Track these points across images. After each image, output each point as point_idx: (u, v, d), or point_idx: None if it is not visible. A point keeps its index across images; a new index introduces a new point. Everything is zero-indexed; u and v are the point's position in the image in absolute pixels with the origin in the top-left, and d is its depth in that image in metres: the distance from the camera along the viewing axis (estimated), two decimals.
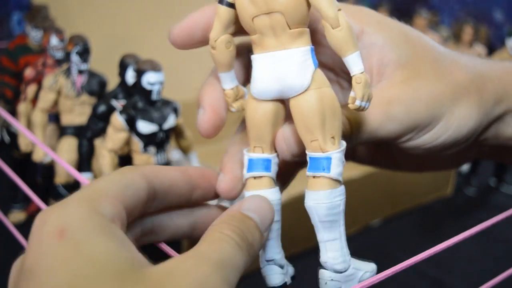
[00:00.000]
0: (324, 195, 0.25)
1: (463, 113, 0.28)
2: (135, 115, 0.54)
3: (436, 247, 0.29)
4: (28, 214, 0.73)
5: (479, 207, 0.86)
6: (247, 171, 0.26)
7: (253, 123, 0.26)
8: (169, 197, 0.25)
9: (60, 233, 0.19)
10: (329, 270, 0.26)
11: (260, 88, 0.25)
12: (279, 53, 0.25)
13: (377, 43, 0.28)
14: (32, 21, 0.73)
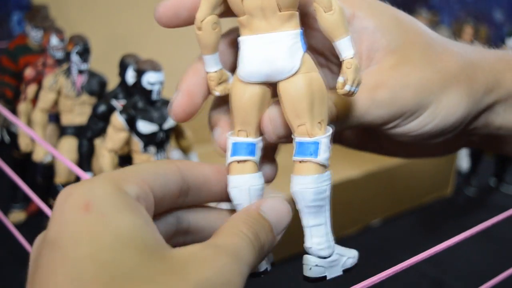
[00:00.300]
0: (311, 180, 0.25)
1: (451, 102, 0.28)
2: (135, 115, 0.54)
3: (436, 247, 0.29)
4: (28, 214, 0.73)
5: (479, 207, 0.86)
6: (230, 155, 0.26)
7: (239, 106, 0.25)
8: (203, 194, 0.26)
9: (86, 206, 0.19)
10: (314, 255, 0.26)
11: (248, 71, 0.25)
12: (269, 36, 0.25)
13: (368, 27, 0.28)
14: (32, 21, 0.73)
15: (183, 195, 0.24)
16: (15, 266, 0.61)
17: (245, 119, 0.26)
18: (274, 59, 0.25)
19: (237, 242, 0.22)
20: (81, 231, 0.19)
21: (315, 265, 0.26)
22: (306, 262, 0.26)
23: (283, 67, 0.25)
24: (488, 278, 0.39)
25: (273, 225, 0.24)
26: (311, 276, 0.26)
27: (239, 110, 0.26)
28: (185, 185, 0.24)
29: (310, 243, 0.26)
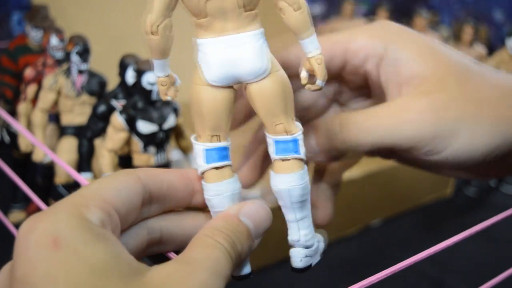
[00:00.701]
0: (298, 177, 0.26)
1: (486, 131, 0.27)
2: (135, 115, 0.54)
3: (436, 246, 0.29)
4: (28, 214, 0.73)
5: (479, 207, 0.86)
6: (206, 162, 0.25)
7: (211, 111, 0.25)
8: (168, 201, 0.25)
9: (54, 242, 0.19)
10: (301, 247, 0.27)
11: (218, 74, 0.24)
12: (235, 37, 0.24)
13: (402, 58, 0.28)
14: (32, 21, 0.73)
15: (146, 204, 0.24)
16: None
17: (218, 124, 0.25)
18: (243, 61, 0.24)
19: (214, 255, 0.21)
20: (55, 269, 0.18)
21: (304, 256, 0.27)
22: (296, 255, 0.27)
23: (255, 69, 0.25)
24: (488, 278, 0.39)
25: (252, 231, 0.24)
26: (302, 267, 0.27)
27: (211, 115, 0.25)
28: (147, 194, 0.24)
29: (297, 236, 0.27)
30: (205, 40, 0.24)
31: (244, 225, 0.24)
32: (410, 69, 0.28)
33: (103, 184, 0.22)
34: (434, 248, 0.29)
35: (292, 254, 0.27)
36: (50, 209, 0.21)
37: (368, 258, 0.71)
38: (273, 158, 0.26)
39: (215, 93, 0.25)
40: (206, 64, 0.24)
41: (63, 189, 0.63)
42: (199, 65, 0.25)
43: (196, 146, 0.26)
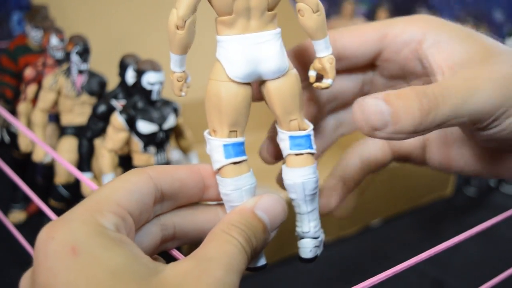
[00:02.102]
0: (312, 170, 0.27)
1: None
2: (135, 115, 0.54)
3: (436, 247, 0.29)
4: (28, 214, 0.73)
5: (479, 207, 0.86)
6: (225, 157, 0.26)
7: (233, 107, 0.25)
8: (180, 198, 0.25)
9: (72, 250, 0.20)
10: (311, 238, 0.28)
11: (242, 71, 0.25)
12: (258, 35, 0.25)
13: (442, 40, 0.28)
14: (32, 21, 0.73)
15: (158, 202, 0.24)
16: (15, 266, 0.61)
17: (237, 120, 0.26)
18: (267, 58, 0.25)
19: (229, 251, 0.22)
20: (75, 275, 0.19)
21: (313, 246, 0.28)
22: (306, 246, 0.28)
23: (276, 66, 0.25)
24: (488, 278, 0.39)
25: (268, 224, 0.24)
26: (311, 257, 0.28)
27: (232, 111, 0.25)
28: (159, 193, 0.24)
29: (307, 227, 0.28)
30: (228, 37, 0.25)
31: (260, 219, 0.24)
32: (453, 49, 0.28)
33: (116, 188, 0.23)
34: (435, 249, 0.29)
35: (302, 245, 0.28)
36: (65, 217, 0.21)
37: (368, 258, 0.71)
38: (287, 153, 0.27)
39: (236, 89, 0.25)
40: (229, 61, 0.25)
41: (63, 189, 0.63)
42: (219, 61, 0.25)
43: (212, 141, 0.26)
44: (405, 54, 0.30)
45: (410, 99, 0.25)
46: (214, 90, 0.25)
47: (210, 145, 0.26)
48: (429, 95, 0.25)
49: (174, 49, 0.25)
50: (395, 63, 0.31)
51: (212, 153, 0.26)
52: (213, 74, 0.25)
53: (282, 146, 0.27)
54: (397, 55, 0.31)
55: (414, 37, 0.29)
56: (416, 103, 0.25)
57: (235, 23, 0.25)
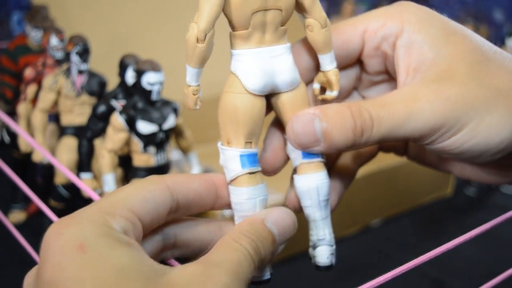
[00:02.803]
0: (325, 175, 0.28)
1: (495, 121, 0.26)
2: (135, 115, 0.54)
3: (437, 249, 0.29)
4: (28, 214, 0.73)
5: (479, 207, 0.86)
6: (241, 167, 0.26)
7: (250, 118, 0.26)
8: (192, 208, 0.26)
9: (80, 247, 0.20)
10: (327, 245, 0.28)
11: (259, 83, 0.26)
12: (273, 49, 0.26)
13: (416, 41, 0.28)
14: (32, 21, 0.73)
15: (172, 213, 0.25)
16: (15, 266, 0.61)
17: (254, 131, 0.26)
18: (282, 71, 0.26)
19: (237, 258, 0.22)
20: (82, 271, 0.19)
21: (330, 253, 0.28)
22: (323, 253, 0.28)
23: (290, 79, 0.26)
24: (488, 278, 0.39)
25: (277, 237, 0.25)
26: (329, 264, 0.28)
27: (249, 122, 0.26)
28: (174, 203, 0.24)
29: (323, 233, 0.28)
30: (245, 50, 0.25)
31: (269, 231, 0.24)
32: (421, 53, 0.28)
33: (131, 193, 0.23)
34: (435, 251, 0.29)
35: (318, 253, 0.28)
36: (75, 215, 0.21)
37: (368, 258, 0.71)
38: (299, 163, 0.28)
39: (253, 101, 0.26)
40: (246, 73, 0.25)
41: (63, 189, 0.63)
42: (235, 74, 0.26)
43: (228, 152, 0.26)
44: (385, 49, 0.30)
45: (345, 118, 0.26)
46: (231, 102, 0.26)
47: (225, 155, 0.26)
48: (364, 116, 0.26)
49: (193, 62, 0.25)
50: (377, 58, 0.31)
51: (227, 163, 0.26)
52: (229, 87, 0.26)
53: (293, 156, 0.28)
54: (377, 50, 0.30)
55: (392, 32, 0.29)
56: (349, 123, 0.26)
57: (251, 37, 0.25)
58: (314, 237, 0.28)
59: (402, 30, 0.28)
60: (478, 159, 0.28)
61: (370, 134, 0.26)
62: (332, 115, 0.26)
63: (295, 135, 0.26)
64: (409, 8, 0.29)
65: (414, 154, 0.35)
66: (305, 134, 0.26)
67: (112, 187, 0.53)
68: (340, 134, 0.26)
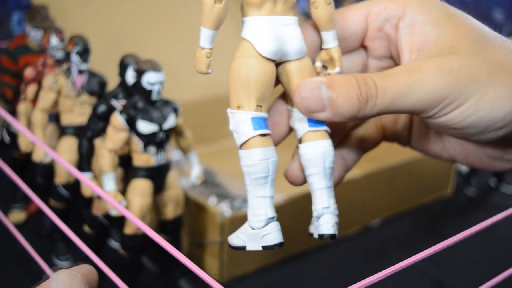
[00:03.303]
0: (330, 143, 0.28)
1: (498, 94, 0.26)
2: (135, 115, 0.54)
3: (436, 246, 0.29)
4: (28, 214, 0.73)
5: (479, 207, 0.86)
6: (253, 129, 0.26)
7: (262, 82, 0.26)
8: None
9: None
10: (332, 214, 0.28)
11: (272, 47, 0.26)
12: (284, 18, 0.27)
13: (418, 21, 0.29)
14: (32, 21, 0.73)
15: None
16: (15, 266, 0.61)
17: (264, 95, 0.27)
18: (292, 39, 0.27)
19: None
20: None
21: (335, 222, 0.28)
22: (328, 221, 0.28)
23: (300, 48, 0.27)
24: (488, 278, 0.39)
25: None
26: (333, 233, 0.28)
27: (261, 86, 0.26)
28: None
29: (328, 202, 0.28)
30: (259, 17, 0.26)
31: None
32: (424, 33, 0.28)
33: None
34: (434, 248, 0.29)
35: (323, 221, 0.28)
36: None
37: (368, 258, 0.71)
38: (304, 131, 0.28)
39: (266, 65, 0.27)
40: (259, 38, 0.26)
41: (63, 189, 0.63)
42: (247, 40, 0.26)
43: (239, 115, 0.26)
44: (387, 31, 0.30)
45: (351, 86, 0.26)
46: (244, 66, 0.26)
47: (236, 119, 0.27)
48: (369, 84, 0.26)
49: (209, 23, 0.25)
50: (381, 41, 0.31)
51: (238, 127, 0.26)
52: (241, 52, 0.27)
53: (298, 126, 0.29)
54: (380, 32, 0.31)
55: (394, 14, 0.30)
56: (355, 91, 0.26)
57: (263, 6, 0.26)
58: (319, 206, 0.28)
59: (405, 12, 0.29)
60: (482, 135, 0.28)
61: (375, 103, 0.26)
62: (338, 82, 0.27)
63: (303, 99, 0.27)
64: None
65: (418, 142, 0.36)
66: (312, 99, 0.26)
67: (112, 186, 0.53)
68: (345, 101, 0.26)
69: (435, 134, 0.34)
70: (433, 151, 0.35)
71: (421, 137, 0.35)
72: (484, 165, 0.32)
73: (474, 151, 0.32)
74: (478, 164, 0.33)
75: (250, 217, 0.27)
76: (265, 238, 0.26)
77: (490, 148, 0.31)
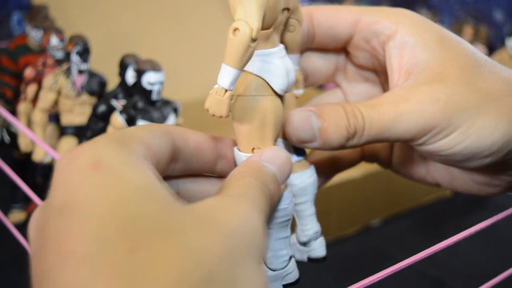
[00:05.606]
0: (314, 170, 0.29)
1: (487, 124, 0.26)
2: (135, 115, 0.54)
3: (435, 246, 0.29)
4: (28, 214, 0.73)
5: (479, 207, 0.86)
6: None
7: (279, 120, 0.25)
8: (194, 162, 0.25)
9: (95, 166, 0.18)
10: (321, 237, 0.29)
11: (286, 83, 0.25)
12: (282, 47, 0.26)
13: (408, 43, 0.28)
14: (32, 21, 0.72)
15: (174, 160, 0.23)
16: (15, 266, 0.61)
17: (278, 132, 0.26)
18: (290, 70, 0.26)
19: (251, 191, 0.21)
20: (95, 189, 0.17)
21: (325, 244, 0.29)
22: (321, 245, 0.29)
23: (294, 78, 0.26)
24: (488, 278, 0.39)
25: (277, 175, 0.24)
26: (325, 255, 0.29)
27: (279, 124, 0.25)
28: (176, 149, 0.23)
29: (317, 226, 0.29)
30: (268, 50, 0.24)
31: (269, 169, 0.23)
32: (414, 56, 0.28)
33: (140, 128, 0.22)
34: (434, 248, 0.29)
35: (315, 246, 0.29)
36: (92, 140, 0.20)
37: (368, 258, 0.71)
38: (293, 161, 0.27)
39: (279, 103, 0.25)
40: (274, 74, 0.24)
41: None
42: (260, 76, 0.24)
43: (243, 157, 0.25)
44: (374, 45, 0.30)
45: (340, 116, 0.27)
46: (261, 106, 0.24)
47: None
48: (356, 115, 0.26)
49: (241, 64, 0.22)
50: (365, 52, 0.31)
51: None
52: (255, 90, 0.24)
53: None
54: (366, 43, 0.31)
55: (385, 30, 0.29)
56: (344, 121, 0.27)
57: (270, 37, 0.24)
58: (310, 232, 0.28)
59: (396, 31, 0.29)
60: (469, 162, 0.28)
61: (362, 134, 0.27)
62: (327, 113, 0.27)
63: (295, 129, 0.26)
64: (406, 12, 0.30)
65: (399, 167, 0.35)
66: (304, 129, 0.26)
67: None
68: (334, 132, 0.26)
69: (419, 157, 0.34)
70: (416, 175, 0.35)
71: (403, 159, 0.35)
72: (470, 190, 0.32)
73: (460, 176, 0.32)
74: (463, 189, 0.32)
75: (271, 260, 0.26)
76: (287, 277, 0.27)
77: (476, 174, 0.31)
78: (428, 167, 0.34)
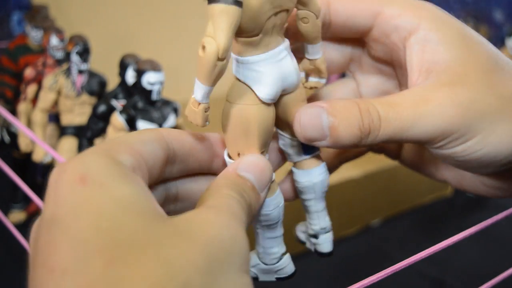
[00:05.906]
0: (325, 167, 0.28)
1: (506, 131, 0.25)
2: (135, 115, 0.54)
3: (435, 246, 0.29)
4: (28, 214, 0.73)
5: (479, 207, 0.86)
6: None
7: (265, 129, 0.24)
8: (190, 163, 0.25)
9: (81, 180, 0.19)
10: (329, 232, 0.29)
11: (274, 91, 0.24)
12: (278, 52, 0.24)
13: (431, 40, 0.27)
14: (32, 21, 0.73)
15: (170, 163, 0.24)
16: (15, 266, 0.61)
17: (267, 141, 0.25)
18: (289, 73, 0.25)
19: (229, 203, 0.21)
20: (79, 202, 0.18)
21: (332, 239, 0.29)
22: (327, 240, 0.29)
23: (296, 80, 0.25)
24: (488, 278, 0.39)
25: (255, 183, 0.23)
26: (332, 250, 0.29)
27: (265, 133, 0.25)
28: (172, 152, 0.23)
29: (325, 223, 0.29)
30: (255, 57, 0.23)
31: (245, 179, 0.23)
32: (436, 53, 0.26)
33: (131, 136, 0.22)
34: (434, 248, 0.29)
35: (322, 241, 0.29)
36: (82, 153, 0.20)
37: (368, 258, 0.71)
38: (301, 159, 0.27)
39: (268, 112, 0.24)
40: (260, 83, 0.24)
41: None
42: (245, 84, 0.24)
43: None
44: (394, 40, 0.29)
45: (353, 115, 0.25)
46: (244, 115, 0.24)
47: None
48: (373, 115, 0.25)
49: (209, 81, 0.22)
50: (383, 45, 0.30)
51: None
52: (239, 98, 0.24)
53: (291, 152, 0.27)
54: (386, 37, 0.29)
55: (406, 25, 0.28)
56: (357, 120, 0.25)
57: (260, 43, 0.23)
58: (316, 227, 0.28)
59: (418, 26, 0.27)
60: (484, 169, 0.27)
61: (377, 134, 0.25)
62: (340, 110, 0.25)
63: (302, 127, 0.25)
64: (428, 6, 0.28)
65: (409, 159, 0.34)
66: (312, 127, 0.25)
67: None
68: (346, 131, 0.25)
69: (430, 155, 0.33)
70: (425, 170, 0.34)
71: (413, 153, 0.34)
72: (478, 192, 0.31)
73: (470, 178, 0.31)
74: (472, 190, 0.32)
75: (262, 255, 0.26)
76: (279, 272, 0.27)
77: (488, 178, 0.30)
78: (439, 165, 0.33)
